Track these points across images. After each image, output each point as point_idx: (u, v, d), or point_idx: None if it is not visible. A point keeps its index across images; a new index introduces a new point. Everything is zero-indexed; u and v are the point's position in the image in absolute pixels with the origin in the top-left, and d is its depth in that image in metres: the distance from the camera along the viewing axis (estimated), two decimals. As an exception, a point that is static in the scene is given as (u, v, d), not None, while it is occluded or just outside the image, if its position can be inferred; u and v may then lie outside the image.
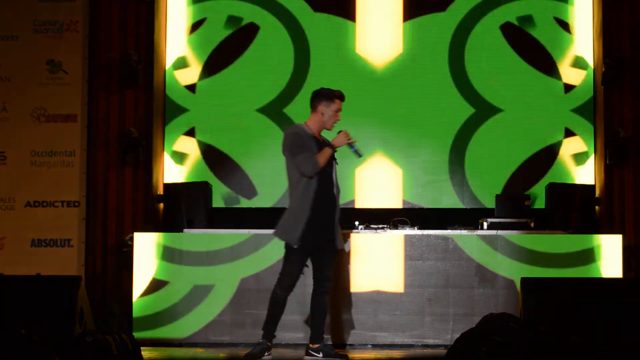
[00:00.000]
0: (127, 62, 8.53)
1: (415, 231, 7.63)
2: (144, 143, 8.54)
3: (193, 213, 8.41)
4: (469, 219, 8.25)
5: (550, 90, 8.98)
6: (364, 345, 7.43)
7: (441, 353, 6.49)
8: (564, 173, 8.90)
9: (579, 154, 8.92)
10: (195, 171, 9.00)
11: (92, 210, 8.52)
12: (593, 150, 8.88)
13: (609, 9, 8.65)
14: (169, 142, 9.01)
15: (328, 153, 6.19)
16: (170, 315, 7.48)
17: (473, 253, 7.51)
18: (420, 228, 7.71)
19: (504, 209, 8.18)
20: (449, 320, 7.45)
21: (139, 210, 8.53)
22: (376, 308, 7.47)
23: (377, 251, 7.54)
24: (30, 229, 8.47)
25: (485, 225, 7.82)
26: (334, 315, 7.36)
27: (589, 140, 8.92)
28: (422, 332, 7.45)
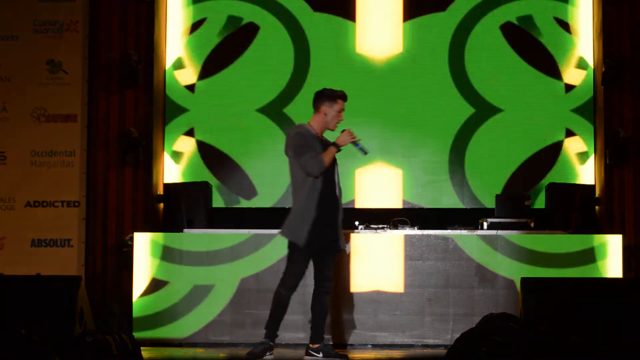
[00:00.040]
0: (127, 62, 8.53)
1: (415, 231, 7.63)
2: (144, 143, 8.54)
3: (193, 213, 8.41)
4: (469, 219, 8.25)
5: (550, 90, 8.98)
6: (364, 345, 7.44)
7: (441, 353, 6.49)
8: (564, 173, 8.90)
9: (579, 154, 8.92)
10: (195, 171, 8.99)
11: (92, 210, 8.52)
12: (593, 150, 8.88)
13: (609, 9, 8.65)
14: (169, 142, 9.01)
15: (333, 152, 6.20)
16: (170, 315, 7.48)
17: (473, 253, 7.51)
18: (420, 228, 7.71)
19: (504, 209, 8.18)
20: (449, 320, 7.46)
21: (139, 210, 8.53)
22: (376, 308, 7.47)
23: (377, 251, 7.54)
24: (30, 229, 8.47)
25: (485, 225, 7.82)
26: (334, 315, 7.36)
27: (589, 140, 8.92)
28: (422, 332, 7.45)
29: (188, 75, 9.08)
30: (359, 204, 8.93)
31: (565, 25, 9.01)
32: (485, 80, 9.03)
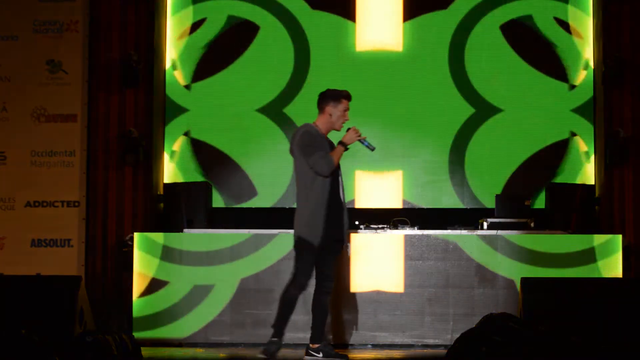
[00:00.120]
0: (127, 62, 8.53)
1: (415, 231, 7.62)
2: (144, 143, 8.54)
3: (193, 213, 8.40)
4: (469, 219, 8.24)
5: (550, 90, 8.98)
6: (364, 345, 7.43)
7: (441, 353, 6.49)
8: (563, 173, 8.90)
9: (579, 153, 8.92)
10: (195, 171, 8.99)
11: (92, 210, 8.52)
12: (593, 150, 8.88)
13: (609, 9, 8.64)
14: (169, 142, 9.01)
15: (341, 151, 6.20)
16: (170, 315, 7.48)
17: (473, 253, 7.51)
18: (420, 228, 7.70)
19: (504, 209, 8.18)
20: (449, 320, 7.45)
21: (139, 210, 8.53)
22: (376, 308, 7.47)
23: (377, 251, 7.54)
24: (30, 229, 8.46)
25: (485, 225, 7.82)
26: (334, 315, 7.36)
27: (589, 140, 8.91)
28: (422, 332, 7.45)
29: (188, 75, 9.07)
30: (359, 204, 8.93)
31: (565, 25, 9.01)
32: (485, 80, 9.02)
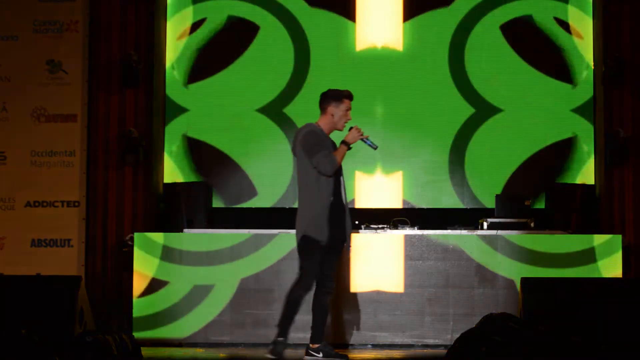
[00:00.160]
0: (127, 62, 8.53)
1: (415, 231, 7.62)
2: (144, 143, 8.54)
3: (193, 213, 8.40)
4: (469, 219, 8.24)
5: (550, 90, 8.98)
6: (364, 345, 7.43)
7: (441, 353, 6.49)
8: (564, 173, 8.90)
9: (579, 153, 8.92)
10: (195, 171, 8.99)
11: (92, 210, 8.52)
12: (593, 150, 8.88)
13: (609, 9, 8.64)
14: (169, 142, 9.01)
15: (344, 150, 6.20)
16: (170, 315, 7.48)
17: (473, 253, 7.51)
18: (420, 228, 7.70)
19: (504, 209, 8.18)
20: (449, 320, 7.45)
21: (139, 210, 8.53)
22: (376, 308, 7.47)
23: (377, 251, 7.54)
24: (30, 229, 8.46)
25: (485, 225, 7.82)
26: (334, 315, 7.36)
27: (589, 140, 8.91)
28: (422, 332, 7.45)
29: (188, 75, 9.07)
30: (359, 204, 8.93)
31: (565, 25, 9.01)
32: (485, 80, 9.02)
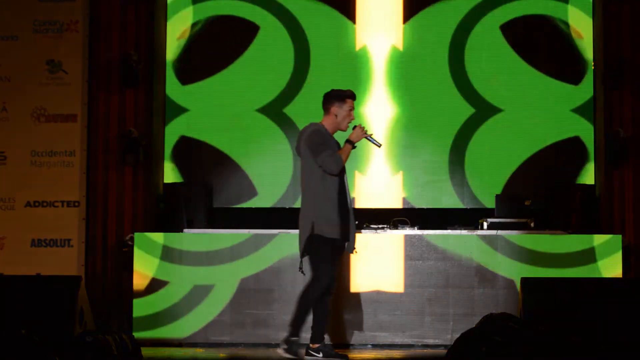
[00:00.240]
0: (127, 62, 8.53)
1: (415, 231, 7.62)
2: (144, 143, 8.54)
3: (193, 213, 8.41)
4: (469, 219, 8.24)
5: (550, 90, 8.97)
6: (364, 345, 7.43)
7: (441, 353, 6.49)
8: (564, 173, 8.90)
9: (579, 154, 8.92)
10: (195, 171, 8.99)
11: (92, 210, 8.52)
12: (593, 150, 8.88)
13: (609, 9, 8.64)
14: (169, 142, 9.01)
15: (348, 149, 6.21)
16: (170, 315, 7.48)
17: (473, 253, 7.51)
18: (420, 228, 7.70)
19: (504, 209, 8.18)
20: (449, 320, 7.45)
21: (139, 210, 8.53)
22: (376, 308, 7.47)
23: (377, 251, 7.54)
24: (30, 229, 8.46)
25: (485, 225, 7.82)
26: (334, 315, 7.35)
27: (589, 140, 8.91)
28: (422, 332, 7.45)
29: (188, 75, 9.07)
30: (359, 204, 8.92)
31: (565, 25, 9.01)
32: (485, 80, 9.02)
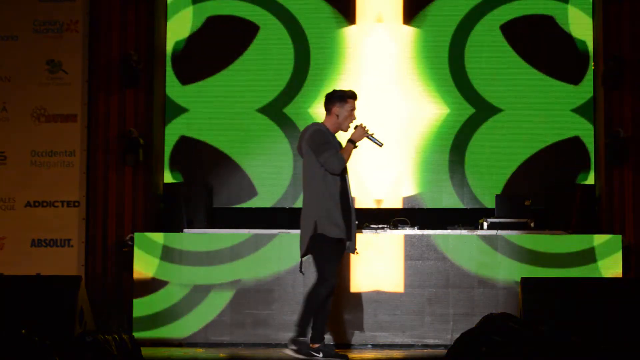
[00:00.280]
0: (127, 62, 8.53)
1: (415, 231, 7.62)
2: (143, 143, 8.54)
3: (193, 213, 8.41)
4: (469, 219, 8.24)
5: (550, 90, 8.98)
6: (364, 345, 7.43)
7: (441, 353, 6.49)
8: (564, 173, 8.90)
9: (579, 153, 8.91)
10: (195, 171, 8.99)
11: (92, 210, 8.52)
12: (593, 150, 8.88)
13: (609, 9, 8.64)
14: (169, 142, 9.01)
15: (350, 148, 6.22)
16: (170, 315, 7.48)
17: (473, 253, 7.51)
18: (420, 228, 7.70)
19: (504, 209, 8.17)
20: (449, 320, 7.45)
21: (139, 210, 8.52)
22: (376, 308, 7.47)
23: (377, 251, 7.54)
24: (30, 229, 8.46)
25: (485, 225, 7.82)
26: (334, 315, 7.35)
27: (589, 140, 8.91)
28: (422, 332, 7.45)
29: (188, 75, 9.07)
30: (359, 204, 8.91)
31: (565, 25, 9.01)
32: (485, 80, 9.02)
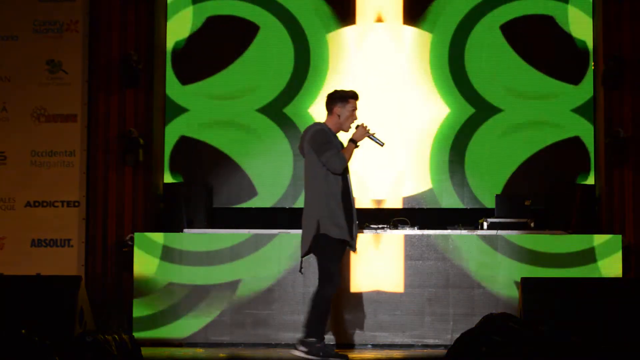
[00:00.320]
0: (127, 62, 8.52)
1: (415, 231, 7.62)
2: (143, 143, 8.54)
3: (193, 213, 8.41)
4: (469, 219, 8.24)
5: (550, 90, 8.98)
6: (364, 345, 7.43)
7: (441, 353, 6.49)
8: (564, 173, 8.90)
9: (579, 153, 8.91)
10: (195, 171, 8.99)
11: (92, 210, 8.52)
12: (593, 150, 8.88)
13: (609, 9, 8.64)
14: (169, 142, 9.01)
15: (352, 148, 6.23)
16: (170, 315, 7.48)
17: (473, 253, 7.51)
18: (420, 228, 7.71)
19: (504, 209, 8.17)
20: (449, 320, 7.45)
21: (139, 210, 8.52)
22: (376, 308, 7.47)
23: (377, 251, 7.54)
24: (30, 229, 8.46)
25: (485, 225, 7.82)
26: (334, 315, 7.35)
27: (589, 140, 8.91)
28: (422, 332, 7.45)
29: (188, 75, 9.07)
30: (359, 204, 8.88)
31: (565, 25, 9.01)
32: (485, 80, 9.02)
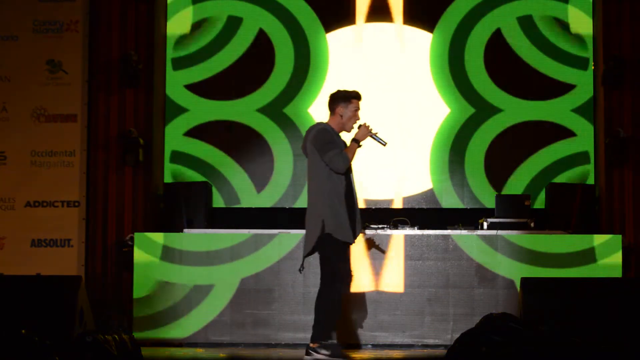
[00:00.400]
0: (127, 62, 8.52)
1: (415, 231, 7.63)
2: (143, 143, 8.54)
3: (193, 213, 8.41)
4: (469, 219, 8.24)
5: (550, 90, 8.98)
6: (364, 345, 7.43)
7: (441, 353, 6.49)
8: (564, 173, 8.90)
9: (579, 154, 8.92)
10: (195, 171, 8.99)
11: (92, 210, 8.52)
12: (593, 150, 8.88)
13: (609, 9, 8.64)
14: (169, 142, 9.01)
15: (354, 148, 6.22)
16: (170, 315, 7.49)
17: (473, 253, 7.51)
18: (420, 228, 7.71)
19: (504, 209, 8.18)
20: (449, 320, 7.45)
21: (139, 210, 8.52)
22: (376, 308, 7.47)
23: (377, 251, 7.54)
24: (30, 229, 8.46)
25: (485, 225, 7.82)
26: (334, 315, 7.35)
27: (589, 140, 8.91)
28: (422, 332, 7.45)
29: (188, 75, 9.07)
30: (359, 204, 8.89)
31: (565, 25, 9.01)
32: (485, 80, 9.02)
